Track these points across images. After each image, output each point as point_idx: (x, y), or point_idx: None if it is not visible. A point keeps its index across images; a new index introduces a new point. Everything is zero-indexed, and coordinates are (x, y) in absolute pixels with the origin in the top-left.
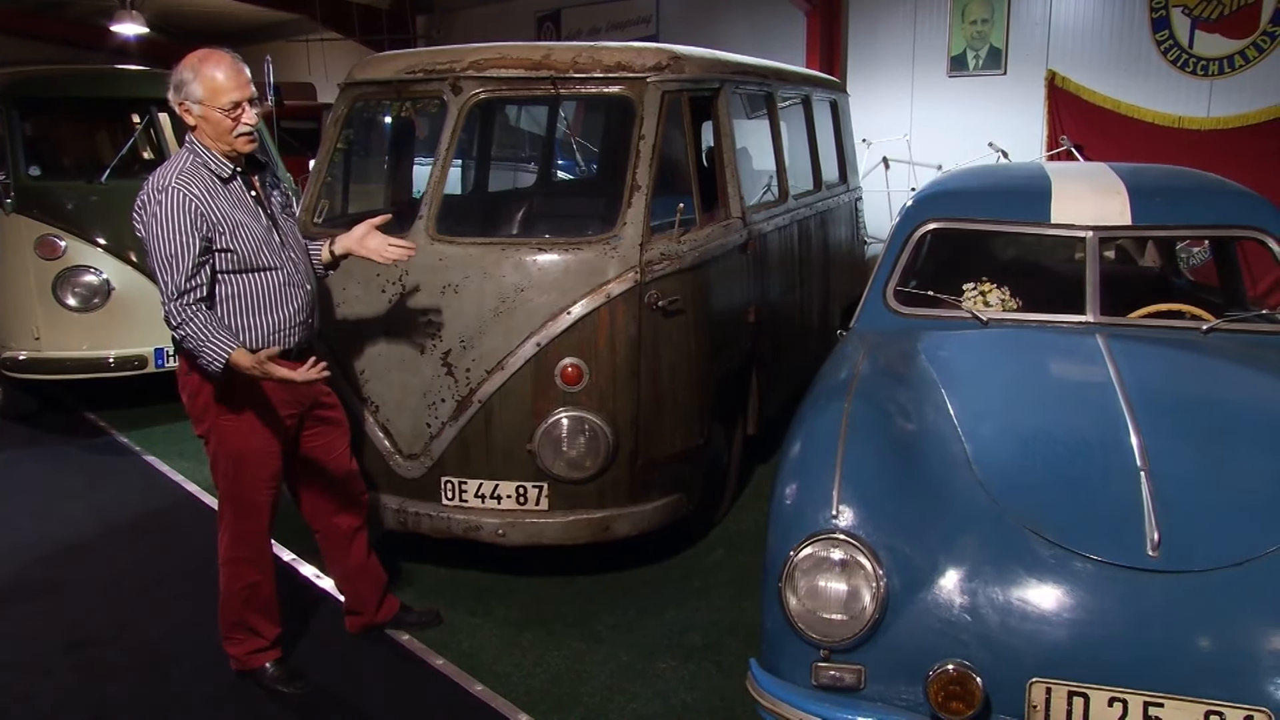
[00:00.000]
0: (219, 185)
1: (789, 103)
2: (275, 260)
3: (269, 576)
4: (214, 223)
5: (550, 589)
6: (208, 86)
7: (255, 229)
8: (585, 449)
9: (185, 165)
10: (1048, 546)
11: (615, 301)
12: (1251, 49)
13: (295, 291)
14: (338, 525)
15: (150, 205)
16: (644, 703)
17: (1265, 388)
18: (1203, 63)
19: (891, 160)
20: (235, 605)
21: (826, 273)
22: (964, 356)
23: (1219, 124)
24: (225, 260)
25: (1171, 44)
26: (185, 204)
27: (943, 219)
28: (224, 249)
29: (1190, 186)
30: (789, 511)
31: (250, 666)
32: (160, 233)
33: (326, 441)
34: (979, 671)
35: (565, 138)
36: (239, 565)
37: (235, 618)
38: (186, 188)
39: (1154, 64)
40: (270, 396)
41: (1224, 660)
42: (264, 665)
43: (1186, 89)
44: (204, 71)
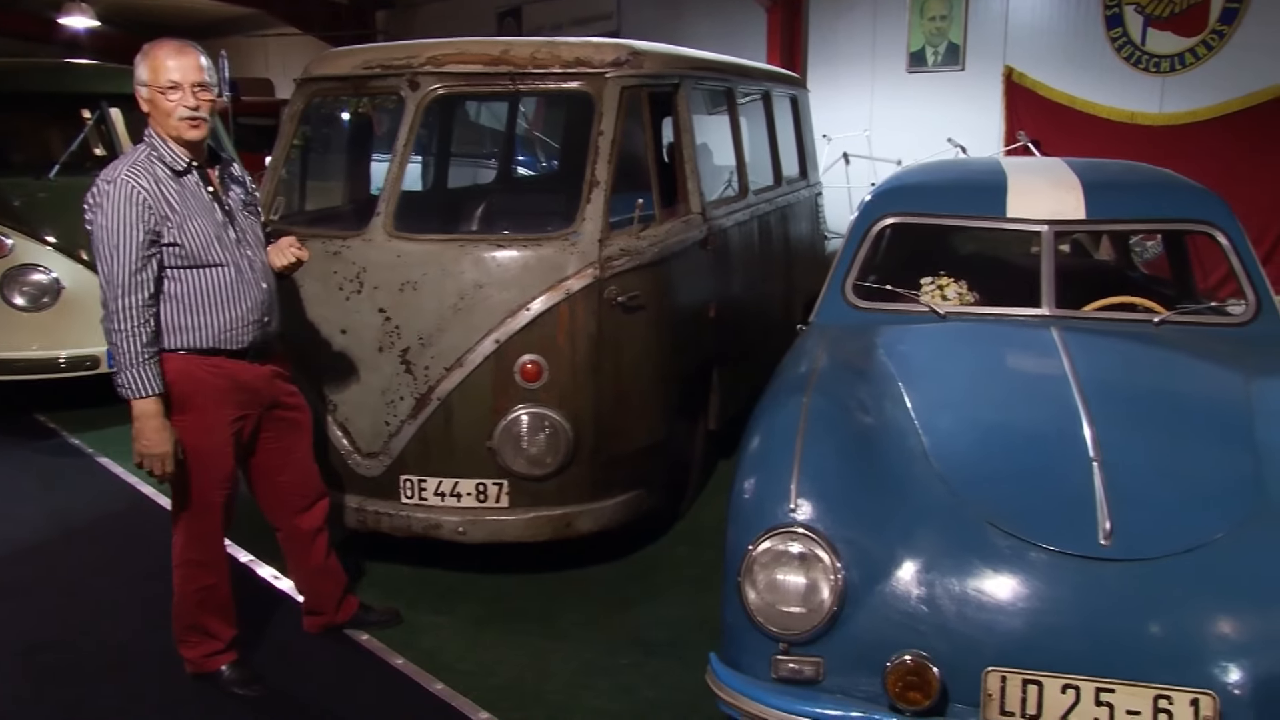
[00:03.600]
0: (172, 178)
1: (749, 99)
2: (227, 257)
3: (224, 578)
4: (161, 216)
5: (512, 587)
6: (150, 67)
7: (207, 224)
8: (545, 446)
9: (139, 158)
10: (1004, 537)
11: (575, 298)
12: (1201, 47)
13: (248, 290)
14: (299, 525)
15: (97, 197)
16: (607, 699)
17: (1213, 378)
18: (1155, 60)
19: (852, 156)
20: (190, 608)
21: (788, 268)
22: (921, 350)
23: (1171, 120)
24: (173, 255)
25: (1125, 41)
26: (132, 195)
27: (900, 214)
28: (172, 243)
29: (1143, 181)
30: (748, 506)
31: (206, 669)
32: (106, 224)
33: (288, 442)
34: (936, 662)
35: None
36: (193, 568)
37: (190, 620)
38: (135, 179)
39: (1108, 61)
40: (225, 397)
41: (1173, 646)
42: (220, 668)
43: (1140, 85)
44: (150, 53)
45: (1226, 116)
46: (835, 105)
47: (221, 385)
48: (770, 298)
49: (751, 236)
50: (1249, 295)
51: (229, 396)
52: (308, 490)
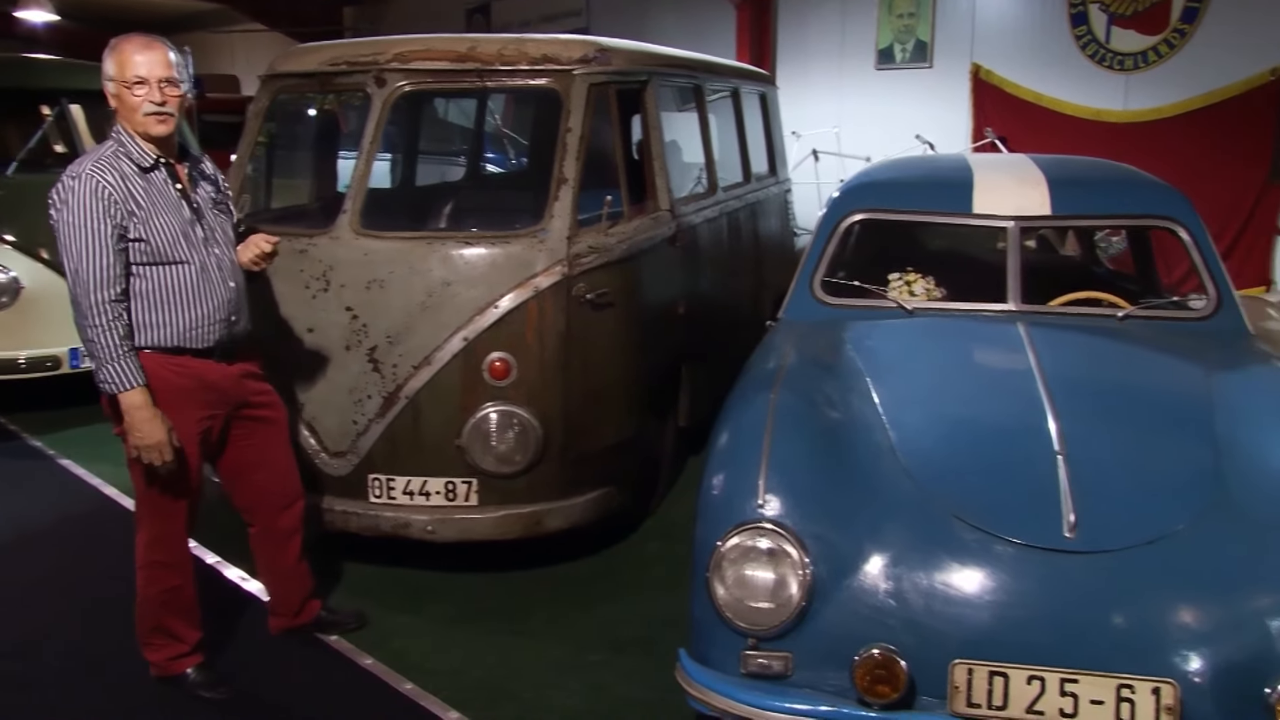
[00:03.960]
0: (138, 174)
1: (718, 96)
2: (194, 254)
3: (189, 580)
4: (128, 212)
5: (482, 585)
6: (117, 62)
7: (173, 221)
8: (514, 443)
9: (105, 153)
10: (970, 531)
11: (543, 295)
12: (1164, 45)
13: (215, 288)
14: (274, 524)
15: (62, 193)
16: (578, 697)
17: (1175, 372)
18: (1119, 57)
19: (821, 153)
20: (153, 609)
21: (757, 264)
22: (889, 346)
23: (1135, 117)
24: (138, 251)
25: (1089, 39)
26: (97, 190)
27: (868, 210)
28: (137, 239)
29: (1107, 178)
30: (716, 502)
31: (171, 672)
32: (71, 219)
33: (260, 441)
34: (904, 655)
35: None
36: (157, 569)
37: (153, 622)
38: (100, 174)
39: (1073, 58)
40: (190, 397)
41: (1135, 635)
42: (186, 671)
43: (1104, 83)
44: (118, 48)
45: (1189, 114)
46: (804, 102)
47: (187, 385)
48: (740, 294)
49: (721, 233)
50: (1210, 290)
51: (195, 396)
52: (285, 489)
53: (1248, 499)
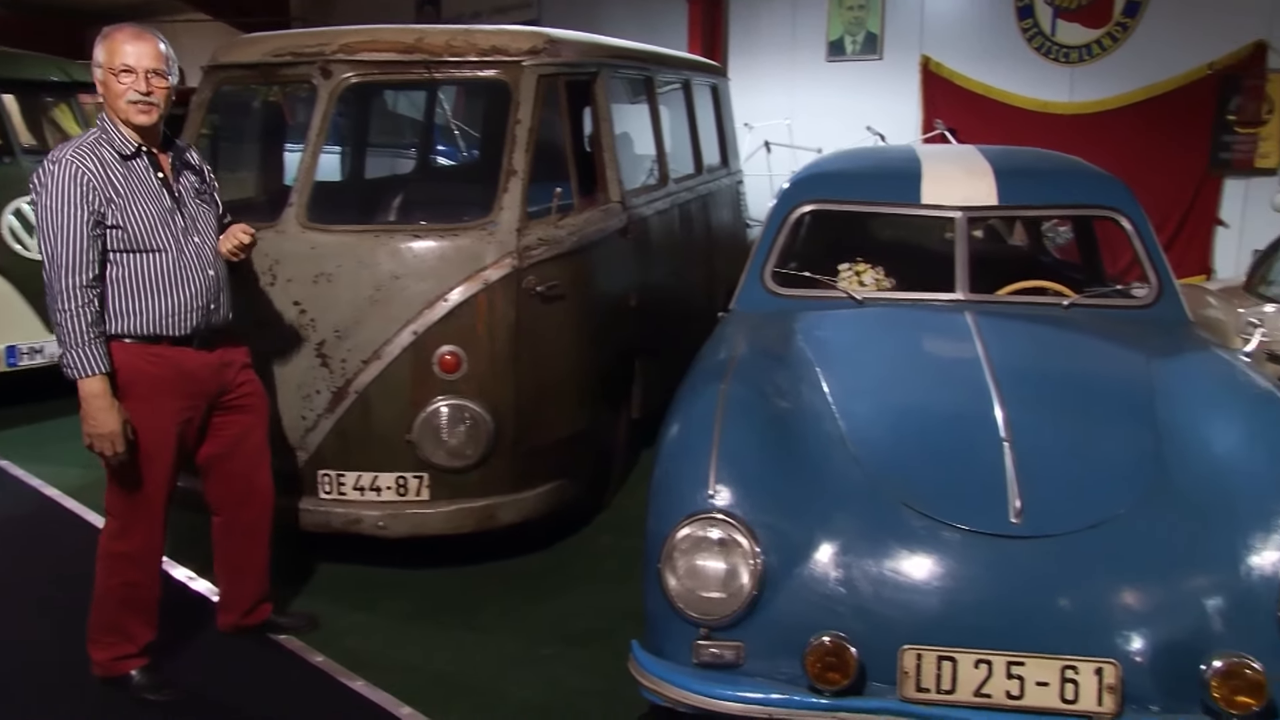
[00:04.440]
0: (119, 161)
1: (669, 87)
2: (173, 243)
3: (152, 579)
4: (106, 198)
5: (436, 581)
6: (107, 50)
7: (152, 209)
8: (466, 437)
9: (87, 140)
10: (919, 518)
11: (493, 288)
12: (1107, 38)
13: (194, 276)
14: (239, 516)
15: (42, 177)
16: (532, 690)
17: (1118, 359)
18: (1064, 50)
19: (773, 144)
20: (111, 604)
21: (709, 256)
22: (839, 336)
23: (1080, 109)
24: (116, 238)
25: (1036, 32)
26: (76, 176)
27: (818, 200)
28: (115, 225)
29: (1052, 168)
30: (667, 492)
31: (115, 672)
32: (49, 204)
33: (237, 429)
34: (854, 642)
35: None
36: (119, 560)
37: (108, 618)
38: (80, 161)
39: (1020, 51)
40: (167, 388)
41: (1079, 618)
42: (130, 672)
43: (1050, 75)
44: (109, 36)
45: (1131, 106)
46: (756, 94)
47: (165, 375)
48: (692, 286)
49: (672, 225)
50: (1151, 278)
51: (173, 387)
52: (255, 482)
53: (1186, 483)
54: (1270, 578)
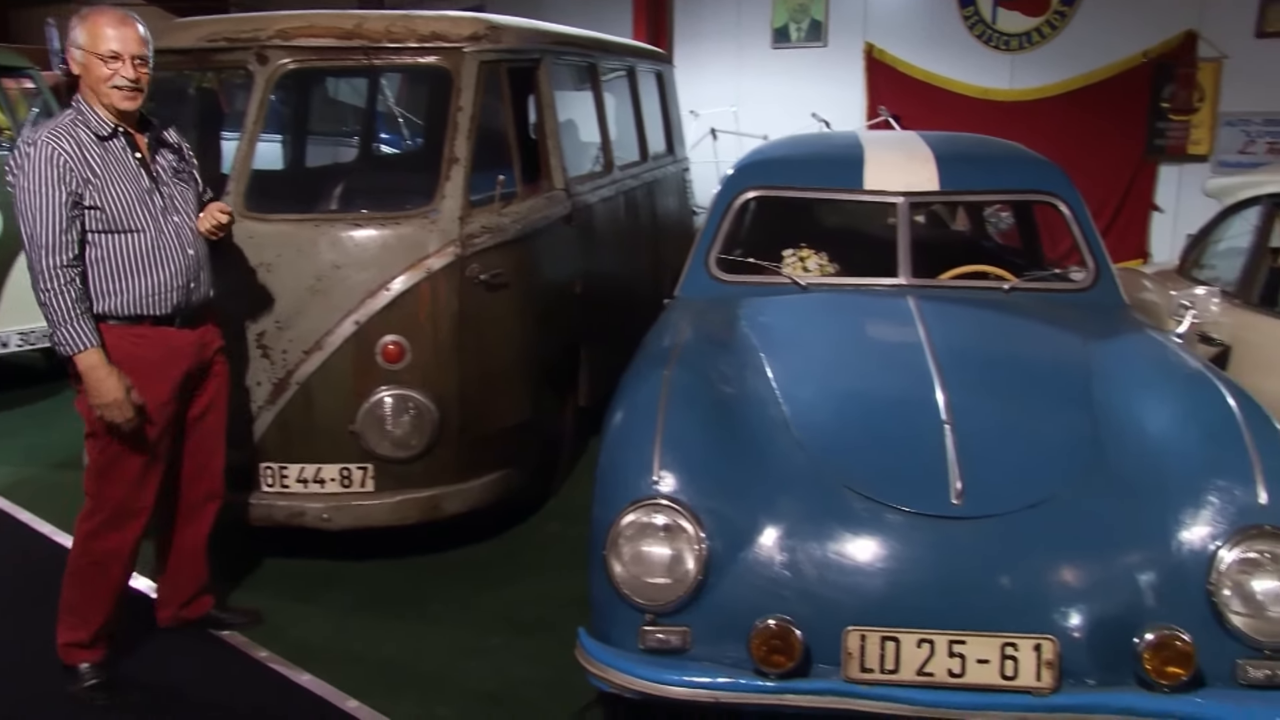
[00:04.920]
0: (96, 142)
1: (613, 75)
2: (151, 223)
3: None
4: (83, 179)
5: (382, 572)
6: (90, 33)
7: (130, 189)
8: (410, 427)
9: (63, 121)
10: (861, 501)
11: (436, 276)
12: (1046, 26)
13: (173, 255)
14: (186, 495)
15: (19, 159)
16: (479, 680)
17: (1056, 342)
18: (1004, 38)
19: (719, 131)
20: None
21: (655, 243)
22: (783, 321)
23: (1020, 95)
24: (94, 219)
25: (977, 19)
26: (52, 157)
27: (761, 187)
28: (93, 206)
29: (992, 154)
30: (612, 479)
31: (67, 661)
32: (27, 185)
33: (202, 408)
34: (799, 625)
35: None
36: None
37: (69, 597)
38: (56, 142)
39: (961, 38)
40: (157, 370)
41: (1018, 596)
42: (80, 665)
43: (991, 62)
44: (91, 19)
45: (1070, 93)
46: (702, 81)
47: (151, 355)
48: (638, 273)
49: (618, 212)
50: (1089, 262)
51: (160, 367)
52: (208, 464)
53: (1121, 462)
54: (1200, 552)
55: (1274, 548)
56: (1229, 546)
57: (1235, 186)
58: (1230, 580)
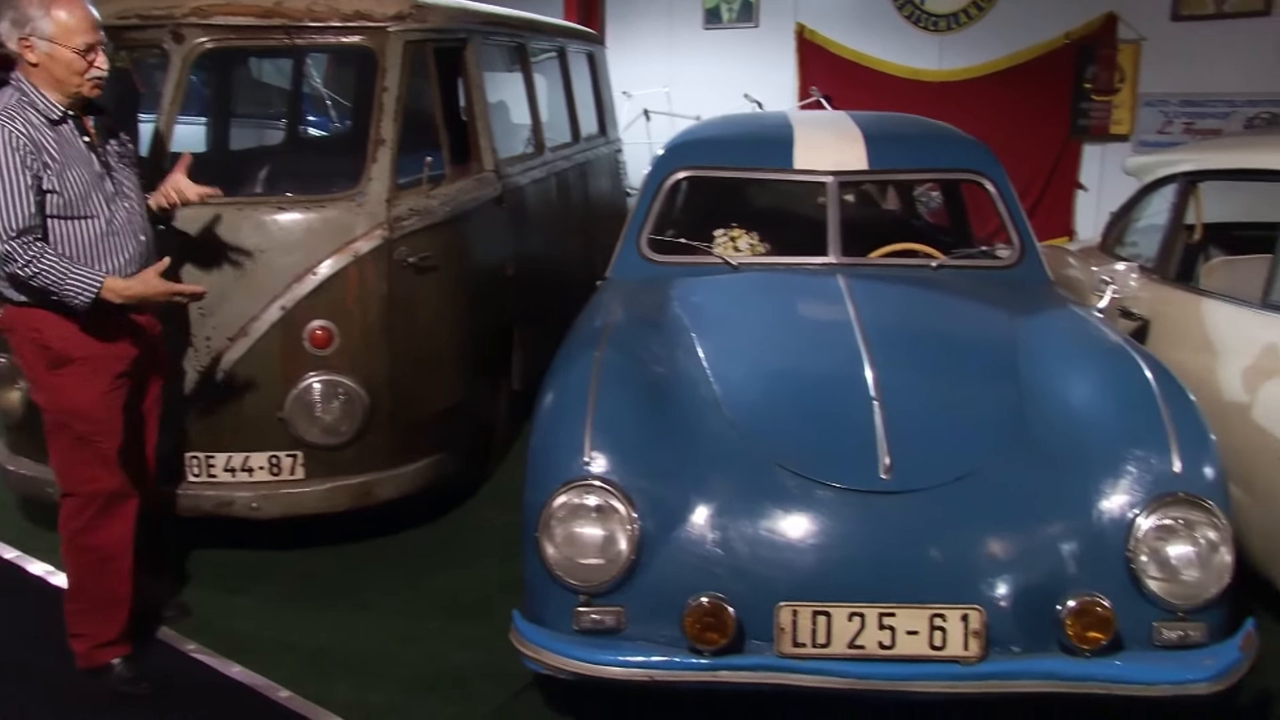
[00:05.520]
0: (47, 125)
1: (544, 55)
2: (105, 209)
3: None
4: (43, 163)
5: (314, 561)
6: (61, 26)
7: (85, 174)
8: (340, 413)
9: (10, 103)
10: (792, 478)
11: (363, 260)
12: (973, 7)
13: (127, 242)
14: None
15: None
16: (414, 666)
17: (983, 318)
18: (933, 19)
19: (652, 112)
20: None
21: (589, 225)
22: (714, 301)
23: (948, 76)
24: (52, 204)
25: (906, 1)
26: (11, 139)
27: (691, 167)
28: (51, 190)
29: (921, 134)
30: (543, 461)
31: (96, 663)
32: None
33: (155, 387)
34: (732, 602)
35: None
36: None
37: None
38: (11, 124)
39: (891, 19)
40: (106, 352)
41: (946, 567)
42: (111, 661)
43: (920, 43)
44: (56, 9)
45: (997, 74)
46: (634, 62)
47: (100, 336)
48: (571, 255)
49: (549, 194)
50: (1014, 240)
51: (114, 352)
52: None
53: (1044, 434)
54: (1119, 520)
55: (1188, 514)
56: (1146, 514)
57: (1152, 165)
58: (1147, 547)
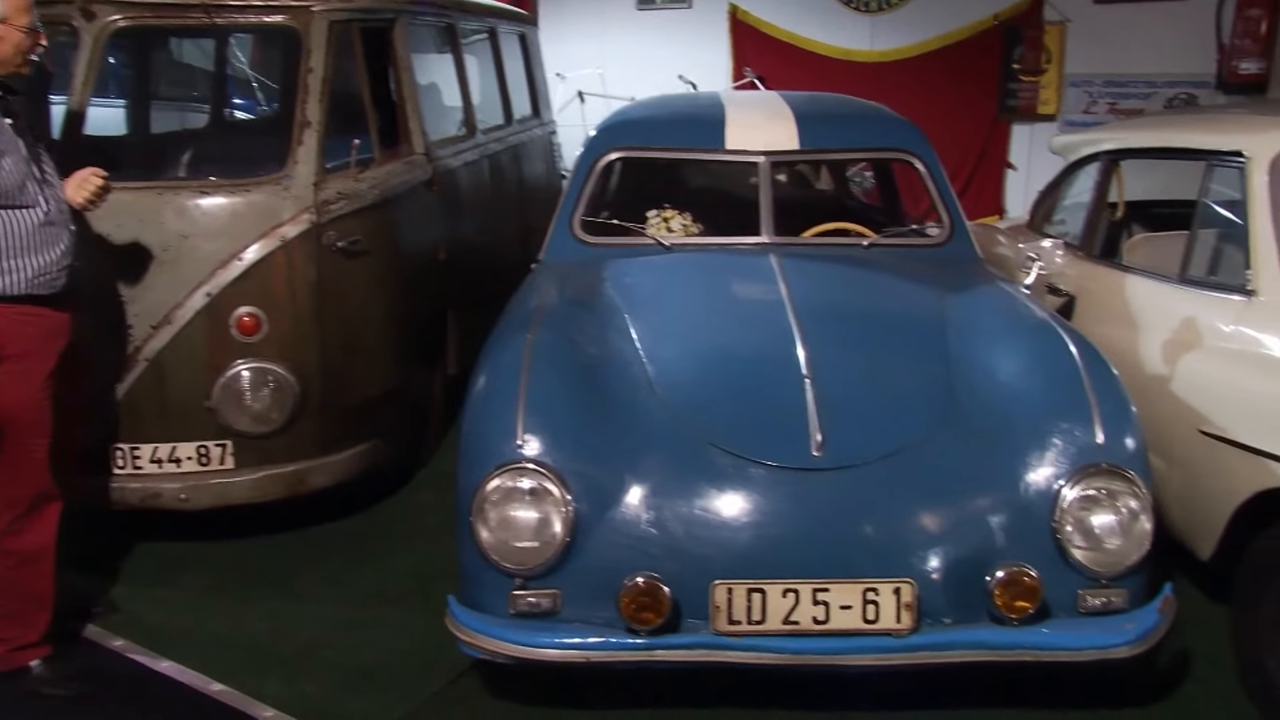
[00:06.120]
0: None
1: (475, 36)
2: (38, 198)
3: (44, 555)
4: None
5: (247, 551)
6: (9, 5)
7: (18, 160)
8: (270, 401)
9: None
10: (725, 457)
11: (291, 245)
12: None
13: (61, 232)
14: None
15: None
16: (349, 655)
17: (913, 296)
18: (865, 0)
19: (586, 94)
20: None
21: (523, 207)
22: (647, 281)
23: (880, 57)
24: None
25: None
26: None
27: (624, 148)
28: None
29: (851, 114)
30: (476, 444)
31: (15, 665)
32: None
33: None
34: (667, 581)
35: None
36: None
37: (2, 607)
38: None
39: (824, 1)
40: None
41: (878, 542)
42: (29, 664)
43: (852, 23)
44: None
45: (927, 54)
46: (567, 43)
47: (38, 333)
48: (506, 238)
49: (482, 176)
50: (944, 218)
51: (44, 345)
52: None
53: (973, 409)
54: (1045, 492)
55: (1110, 484)
56: (1070, 485)
57: (1076, 144)
58: (1072, 517)
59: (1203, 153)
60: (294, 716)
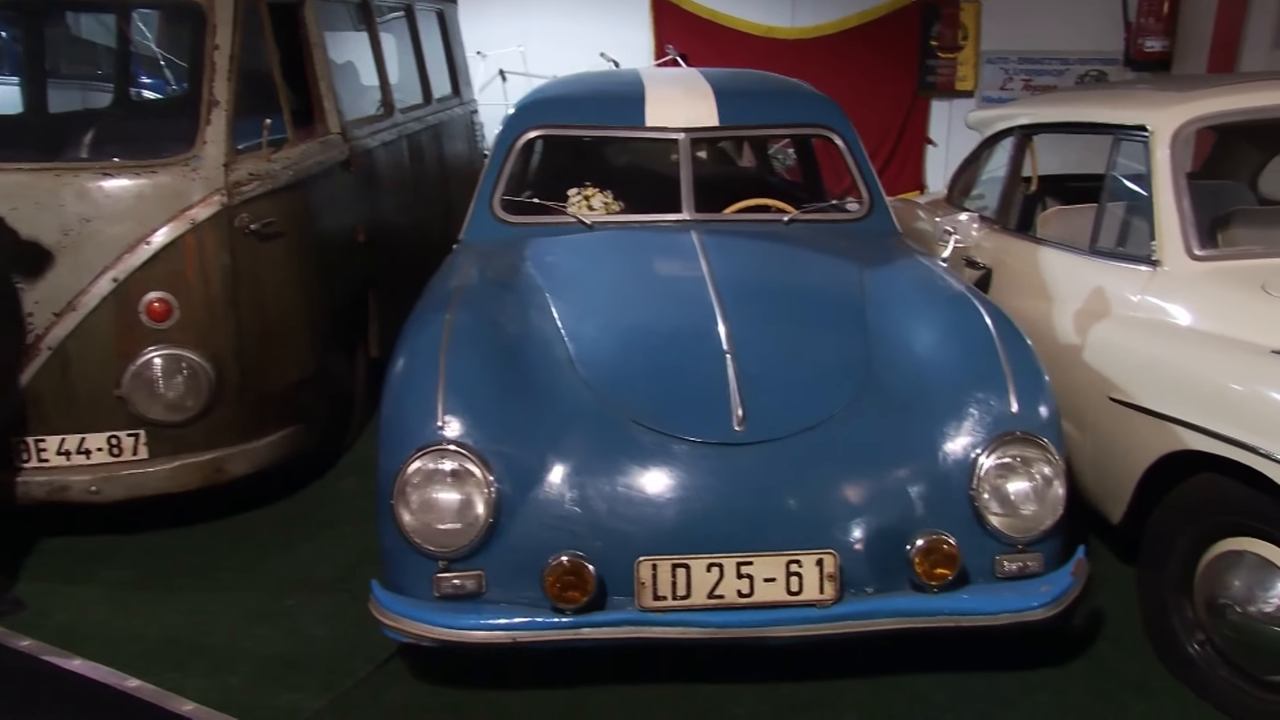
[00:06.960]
0: None
1: (390, 14)
2: None
3: None
4: None
5: (165, 543)
6: None
7: None
8: (185, 388)
9: None
10: (647, 434)
11: (201, 228)
12: None
13: None
14: None
15: None
16: (272, 643)
17: (833, 270)
18: None
19: (508, 73)
20: None
21: (444, 187)
22: (568, 260)
23: (801, 34)
24: None
25: None
26: None
27: (543, 126)
28: None
29: (771, 90)
30: (396, 427)
31: None
32: None
33: None
34: (592, 559)
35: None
36: None
37: None
38: None
39: None
40: None
41: (800, 515)
42: None
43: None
44: None
45: (847, 31)
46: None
47: None
48: (427, 218)
49: (401, 156)
50: (863, 193)
51: None
52: None
53: (892, 381)
54: (962, 461)
55: (1025, 451)
56: (987, 453)
57: (991, 119)
58: (989, 484)
59: (1109, 127)
60: (215, 709)
